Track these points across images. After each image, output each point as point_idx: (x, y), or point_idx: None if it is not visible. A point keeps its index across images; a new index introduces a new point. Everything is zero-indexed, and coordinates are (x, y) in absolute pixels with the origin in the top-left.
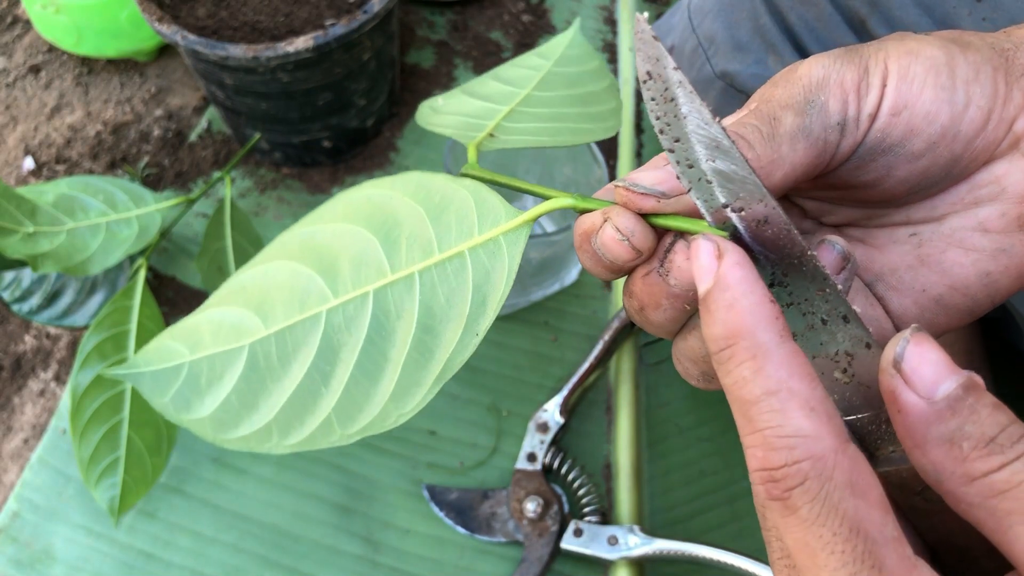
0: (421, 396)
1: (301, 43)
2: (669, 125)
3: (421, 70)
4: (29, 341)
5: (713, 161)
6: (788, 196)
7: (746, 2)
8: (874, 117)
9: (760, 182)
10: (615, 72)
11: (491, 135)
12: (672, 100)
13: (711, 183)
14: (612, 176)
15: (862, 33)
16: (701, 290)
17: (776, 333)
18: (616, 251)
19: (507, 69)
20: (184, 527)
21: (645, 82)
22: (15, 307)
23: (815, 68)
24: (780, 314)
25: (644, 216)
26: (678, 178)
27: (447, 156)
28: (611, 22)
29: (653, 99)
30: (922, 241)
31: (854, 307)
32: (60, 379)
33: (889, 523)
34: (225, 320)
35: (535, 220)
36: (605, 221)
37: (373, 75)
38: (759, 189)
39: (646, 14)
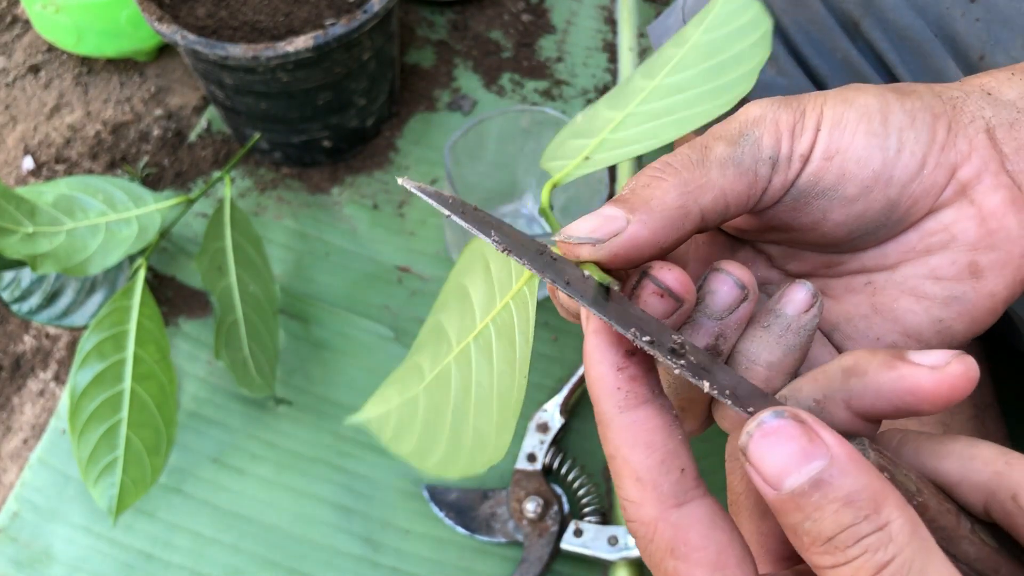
0: (512, 426)
1: (301, 43)
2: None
3: (421, 70)
4: (28, 341)
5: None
6: (752, 243)
7: None
8: (806, 159)
9: (567, 267)
10: (614, 73)
11: (586, 158)
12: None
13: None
14: (611, 177)
15: (856, 35)
16: None
17: (615, 404)
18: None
19: (667, 49)
20: (183, 527)
21: (446, 218)
22: (15, 307)
23: (753, 108)
24: (625, 383)
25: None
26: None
27: (447, 156)
28: (611, 22)
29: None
30: (876, 289)
31: (807, 356)
32: (59, 379)
33: None
34: (414, 366)
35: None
36: None
37: (373, 75)
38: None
39: (405, 178)
